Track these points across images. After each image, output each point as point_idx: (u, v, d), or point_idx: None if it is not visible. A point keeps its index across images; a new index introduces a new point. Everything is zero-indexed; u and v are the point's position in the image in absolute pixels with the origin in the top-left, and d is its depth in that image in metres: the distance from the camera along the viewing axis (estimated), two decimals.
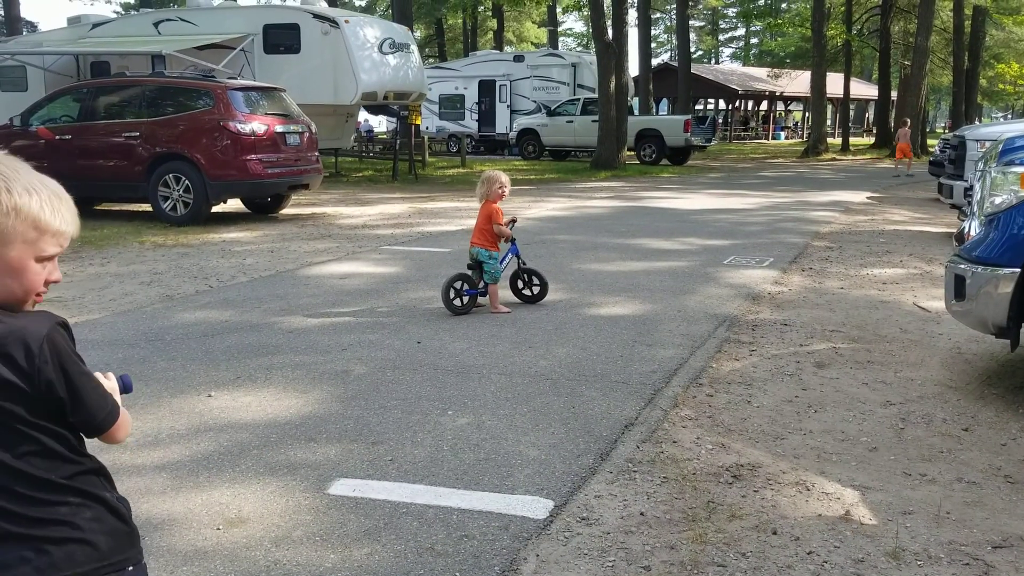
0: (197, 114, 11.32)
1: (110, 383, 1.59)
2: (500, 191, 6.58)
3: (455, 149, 29.94)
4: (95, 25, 19.28)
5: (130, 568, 1.54)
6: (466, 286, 6.48)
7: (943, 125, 57.39)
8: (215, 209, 12.05)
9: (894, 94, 39.61)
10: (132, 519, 1.59)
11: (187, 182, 11.19)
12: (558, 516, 3.23)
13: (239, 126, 11.10)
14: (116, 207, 13.34)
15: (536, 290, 6.87)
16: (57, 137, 11.77)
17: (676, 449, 3.89)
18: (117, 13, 41.02)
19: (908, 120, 24.46)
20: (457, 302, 6.42)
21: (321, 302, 6.89)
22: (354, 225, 11.81)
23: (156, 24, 18.58)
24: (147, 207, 11.85)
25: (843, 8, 37.63)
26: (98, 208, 13.27)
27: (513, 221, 6.71)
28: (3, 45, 20.57)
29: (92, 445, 1.58)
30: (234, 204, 13.00)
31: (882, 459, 3.80)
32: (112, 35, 18.89)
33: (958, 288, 4.60)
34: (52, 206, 1.46)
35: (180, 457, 3.76)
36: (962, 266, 4.58)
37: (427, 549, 2.97)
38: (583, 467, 3.67)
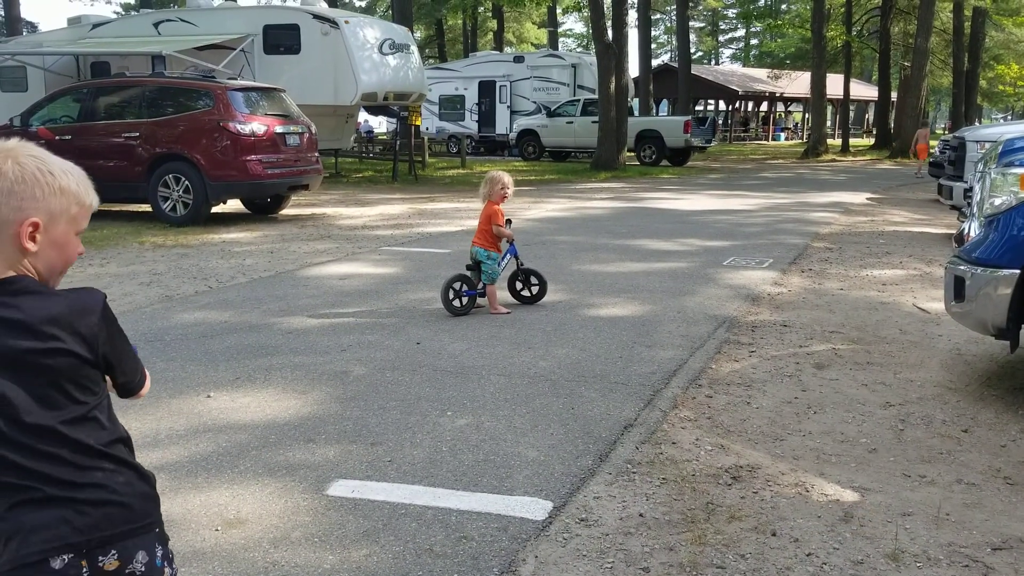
0: (197, 114, 11.32)
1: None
2: (503, 192, 6.58)
3: (455, 150, 29.94)
4: (95, 25, 19.28)
5: (157, 530, 1.65)
6: (465, 287, 6.47)
7: (943, 126, 57.40)
8: (215, 210, 12.05)
9: (894, 95, 39.63)
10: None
11: (187, 182, 11.19)
12: (557, 517, 3.22)
13: (239, 127, 11.10)
14: (116, 207, 13.33)
15: (535, 290, 6.87)
16: (57, 137, 11.74)
17: (675, 450, 3.89)
18: (117, 14, 41.04)
19: (928, 121, 24.45)
20: (456, 303, 6.41)
21: (320, 303, 6.89)
22: (354, 226, 11.81)
23: (156, 24, 18.58)
24: (147, 207, 11.85)
25: (843, 9, 37.65)
26: (97, 208, 13.27)
27: (508, 221, 6.70)
28: (3, 45, 20.58)
29: None
30: (234, 204, 13.00)
31: (881, 460, 3.80)
32: (112, 35, 18.88)
33: (958, 289, 4.59)
34: (84, 185, 1.65)
35: (179, 458, 3.76)
36: (962, 267, 4.58)
37: (426, 550, 2.97)
38: (582, 468, 3.67)
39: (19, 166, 1.55)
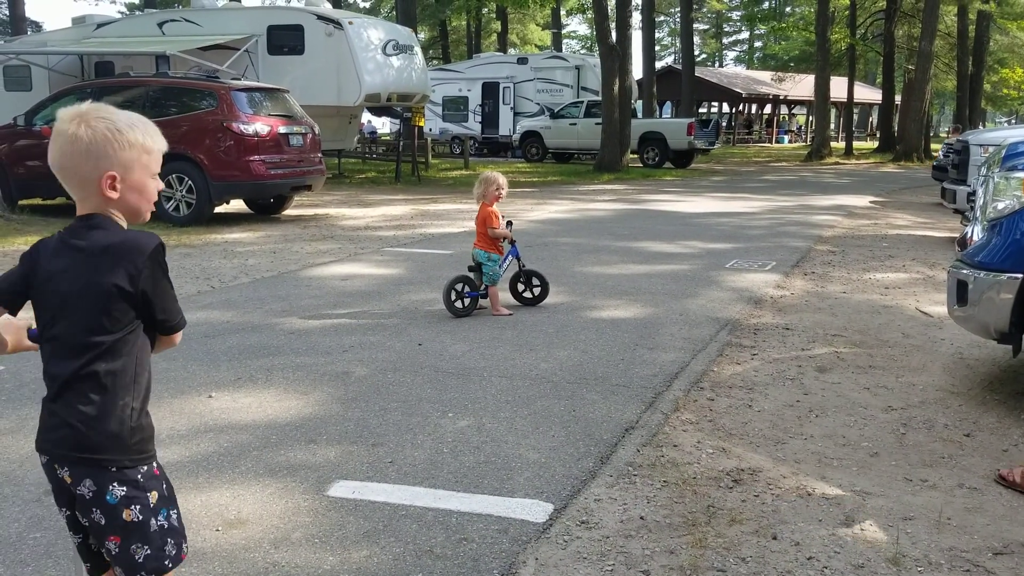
0: (201, 115, 11.33)
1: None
2: (497, 192, 6.58)
3: (458, 151, 29.93)
4: (99, 25, 19.31)
5: (112, 469, 1.85)
6: (467, 288, 6.48)
7: (947, 130, 57.34)
8: (218, 210, 12.06)
9: (898, 98, 39.58)
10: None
11: (190, 182, 11.20)
12: (558, 519, 3.22)
13: (242, 127, 11.11)
14: None
15: (536, 291, 6.86)
16: None
17: (677, 453, 3.88)
18: (122, 13, 41.12)
19: (960, 126, 24.36)
20: (458, 304, 6.41)
21: (323, 303, 6.89)
22: (356, 226, 11.82)
23: (160, 24, 18.61)
24: None
25: (847, 12, 37.61)
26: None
27: (509, 223, 6.70)
28: (8, 45, 20.63)
29: None
30: (237, 205, 13.01)
31: (883, 464, 3.79)
32: (116, 35, 18.91)
33: (960, 293, 4.59)
34: (151, 134, 1.89)
35: (180, 458, 3.76)
36: (964, 271, 4.57)
37: (426, 552, 2.96)
38: (583, 470, 3.67)
39: (91, 128, 1.80)
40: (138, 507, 1.86)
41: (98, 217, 1.85)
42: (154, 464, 1.96)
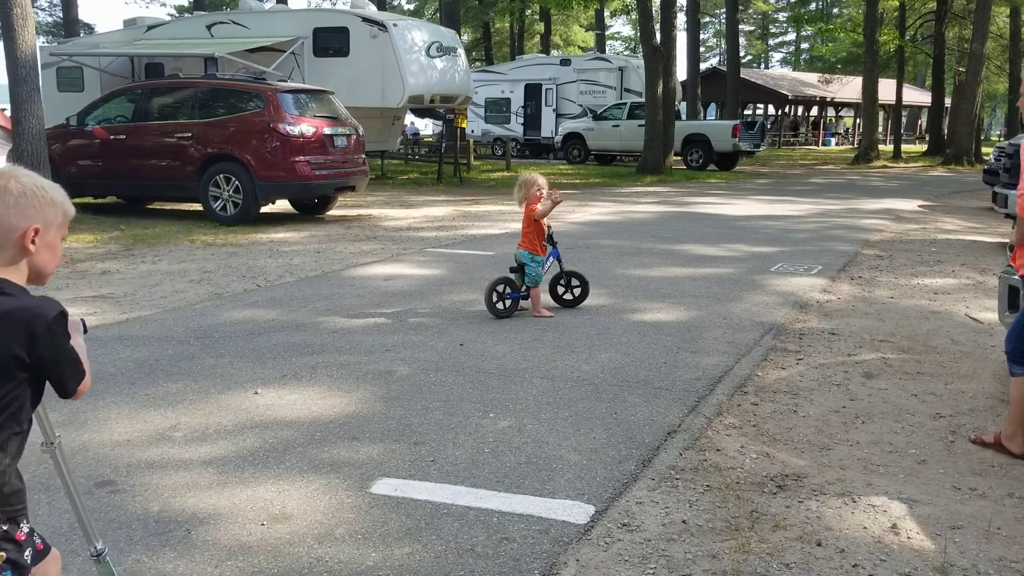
0: (248, 116, 11.49)
1: (77, 337, 1.97)
2: (538, 193, 6.55)
3: (500, 153, 29.98)
4: (150, 27, 19.66)
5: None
6: (509, 289, 6.48)
7: (998, 133, 56.16)
8: (263, 209, 12.22)
9: (948, 101, 38.84)
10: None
11: (237, 182, 11.37)
12: (599, 521, 3.21)
13: (288, 128, 11.25)
14: (167, 206, 13.60)
15: (577, 292, 6.85)
16: (111, 137, 12.03)
17: (720, 457, 3.85)
18: (172, 16, 41.81)
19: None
20: (500, 305, 6.42)
21: (366, 303, 6.95)
22: (399, 227, 11.90)
23: (209, 27, 18.90)
24: (197, 207, 12.05)
25: (896, 13, 37.02)
26: (150, 207, 13.56)
27: (548, 227, 6.66)
28: (61, 46, 21.08)
29: None
30: (282, 205, 13.17)
31: (931, 472, 3.73)
32: (166, 37, 19.25)
33: (1012, 299, 4.49)
34: (65, 198, 1.96)
35: (226, 453, 3.82)
36: (1016, 277, 4.47)
37: (467, 551, 2.98)
38: (625, 473, 3.66)
39: (20, 183, 1.87)
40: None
41: (3, 281, 1.84)
42: (22, 526, 1.91)
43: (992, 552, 3.02)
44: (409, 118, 27.60)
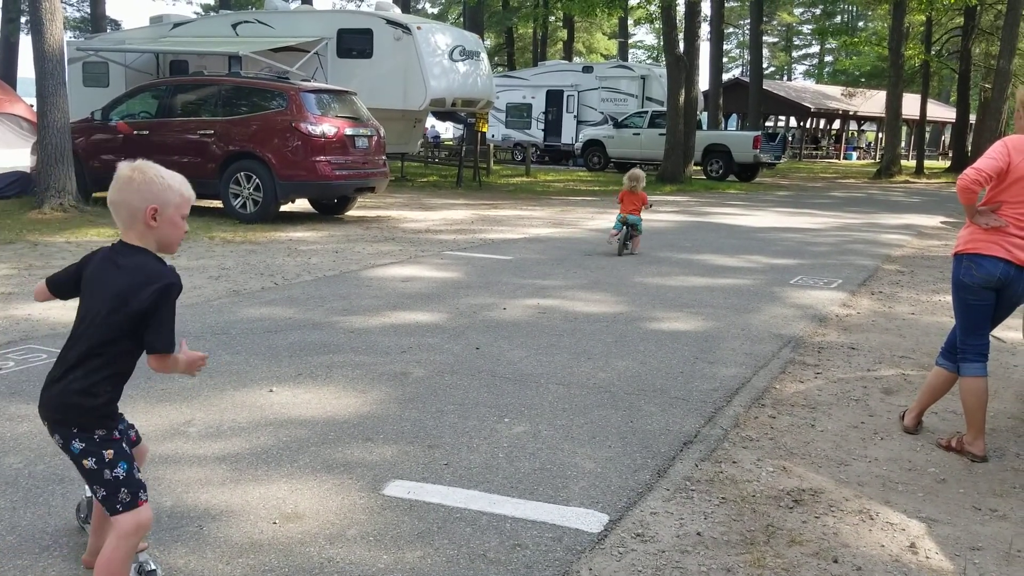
0: (270, 115, 11.54)
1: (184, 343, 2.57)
2: (644, 183, 10.28)
3: (520, 158, 29.98)
4: (176, 25, 19.80)
5: (75, 429, 2.42)
6: (626, 239, 10.09)
7: None
8: (283, 208, 12.26)
9: (973, 117, 38.54)
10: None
11: (257, 181, 11.41)
12: (612, 531, 3.18)
13: (310, 128, 11.28)
14: None
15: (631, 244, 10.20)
16: (135, 132, 12.11)
17: (736, 470, 3.81)
18: (197, 14, 42.09)
19: None
20: (625, 248, 10.02)
21: (383, 304, 6.95)
22: (418, 229, 11.91)
23: (234, 25, 19.01)
24: (217, 203, 12.11)
25: (922, 28, 36.78)
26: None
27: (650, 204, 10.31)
28: (88, 42, 21.27)
29: None
30: (301, 204, 13.21)
31: (951, 491, 3.67)
32: (192, 35, 19.38)
33: None
34: (184, 184, 2.49)
35: (240, 450, 3.81)
36: None
37: (479, 556, 2.95)
38: (639, 482, 3.62)
39: (142, 173, 2.40)
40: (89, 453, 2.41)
41: (140, 249, 2.44)
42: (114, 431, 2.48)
43: (1013, 574, 2.97)
44: (430, 121, 27.65)
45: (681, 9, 23.91)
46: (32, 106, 12.94)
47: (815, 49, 74.82)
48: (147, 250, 2.43)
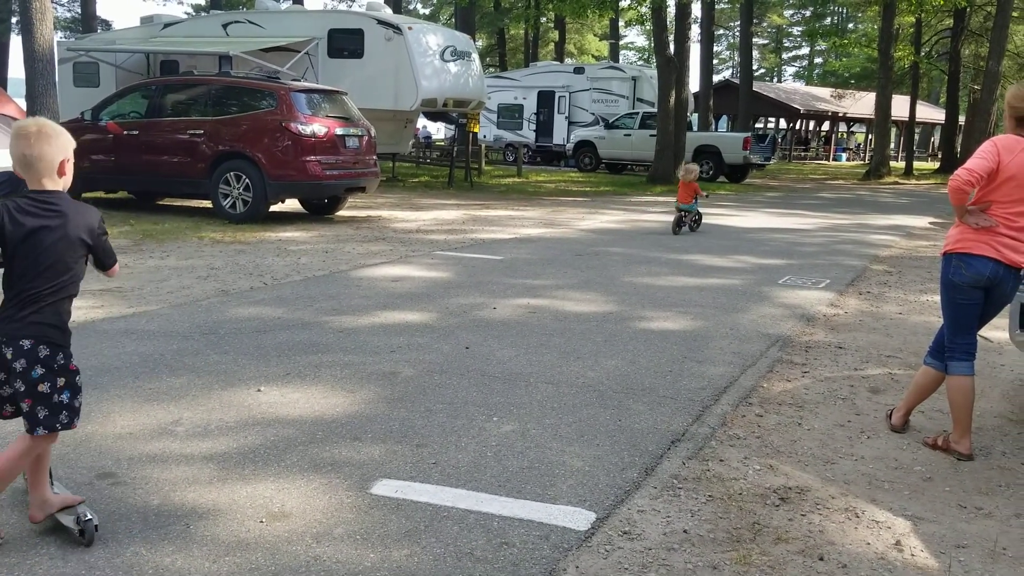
0: (260, 114, 11.51)
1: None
2: (694, 175, 12.37)
3: (511, 159, 29.98)
4: (167, 25, 19.75)
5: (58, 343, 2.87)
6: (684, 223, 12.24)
7: None
8: (273, 208, 12.23)
9: (962, 119, 38.71)
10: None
11: (247, 180, 11.38)
12: (600, 529, 3.19)
13: (300, 127, 11.26)
14: (177, 203, 13.63)
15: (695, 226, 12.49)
16: (125, 132, 12.07)
17: (723, 468, 3.83)
18: (188, 14, 42.00)
19: None
20: (684, 229, 12.10)
21: (372, 304, 6.95)
22: (408, 229, 11.90)
23: (225, 26, 18.98)
24: (207, 203, 12.08)
25: (912, 30, 36.94)
26: (160, 203, 13.60)
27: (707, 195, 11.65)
28: (78, 42, 21.19)
29: None
30: (291, 204, 13.19)
31: (937, 490, 3.69)
32: (182, 35, 19.33)
33: (1023, 318, 4.45)
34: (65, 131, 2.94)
35: (227, 449, 3.81)
36: None
37: (467, 554, 2.96)
38: (627, 481, 3.63)
39: (48, 125, 2.84)
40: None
41: (62, 193, 2.87)
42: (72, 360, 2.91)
43: (997, 572, 2.99)
44: (422, 121, 27.64)
45: (672, 11, 23.98)
46: (22, 106, 12.89)
47: (805, 51, 75.06)
48: (66, 195, 2.89)
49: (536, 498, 3.42)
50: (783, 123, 53.23)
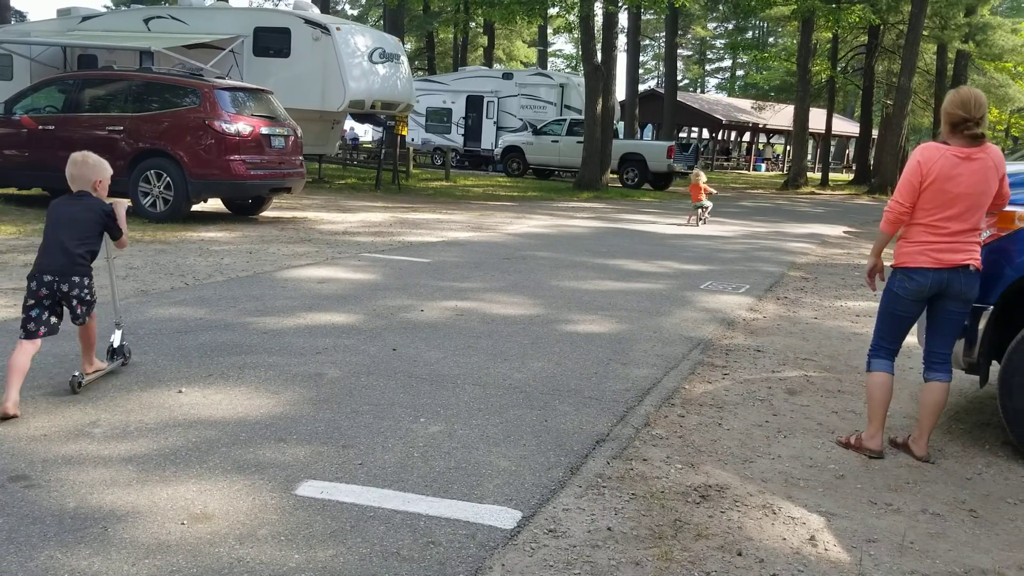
0: (183, 112, 11.26)
1: (122, 210, 4.66)
2: (702, 179, 15.28)
3: (440, 162, 29.96)
4: (85, 18, 19.15)
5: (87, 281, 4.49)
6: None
7: None
8: (195, 208, 11.97)
9: (875, 132, 40.11)
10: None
11: (168, 179, 11.12)
12: (525, 527, 3.22)
13: (224, 126, 11.06)
14: None
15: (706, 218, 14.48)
16: (40, 127, 11.67)
17: (646, 467, 3.90)
18: (108, 8, 40.79)
19: None
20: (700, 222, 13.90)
21: (297, 305, 6.86)
22: (335, 231, 11.79)
23: (146, 21, 18.50)
24: (127, 201, 11.72)
25: (829, 45, 38.14)
26: None
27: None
28: None
29: None
30: (214, 204, 12.93)
31: (849, 487, 3.83)
32: (101, 29, 18.78)
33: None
34: (107, 164, 4.72)
35: (147, 450, 3.73)
36: None
37: (393, 554, 2.96)
38: (552, 480, 3.68)
39: (94, 158, 4.56)
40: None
41: (90, 194, 4.51)
42: None
43: (905, 565, 3.12)
44: (349, 123, 27.37)
45: (599, 20, 24.27)
46: None
47: (727, 63, 76.89)
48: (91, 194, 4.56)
49: (463, 498, 3.43)
50: (706, 133, 54.37)
